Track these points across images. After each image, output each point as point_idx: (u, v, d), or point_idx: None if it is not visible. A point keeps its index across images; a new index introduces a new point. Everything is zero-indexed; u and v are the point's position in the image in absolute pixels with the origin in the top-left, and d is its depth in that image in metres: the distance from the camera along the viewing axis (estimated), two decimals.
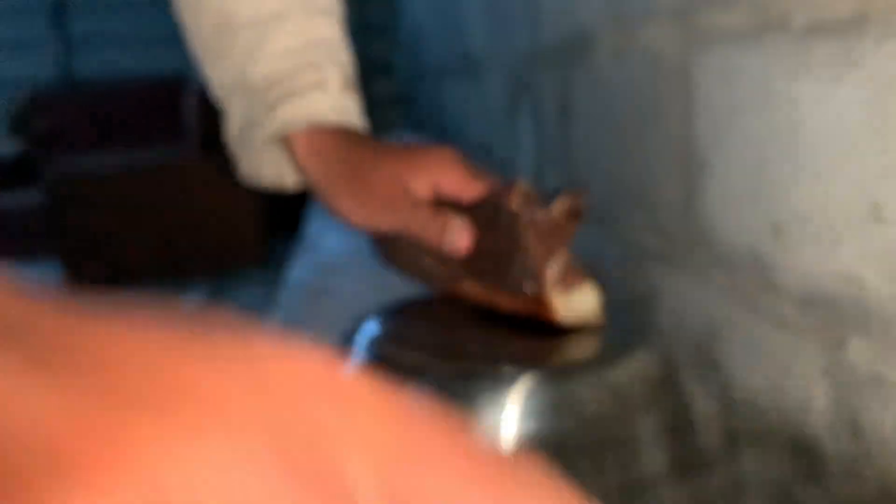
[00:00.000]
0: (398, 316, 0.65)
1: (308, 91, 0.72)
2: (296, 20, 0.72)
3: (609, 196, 1.14)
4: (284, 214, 4.27)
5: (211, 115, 1.16)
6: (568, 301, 0.55)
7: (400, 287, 0.69)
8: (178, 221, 3.93)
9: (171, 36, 0.90)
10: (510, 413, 0.52)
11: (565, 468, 0.47)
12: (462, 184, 0.62)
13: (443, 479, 0.19)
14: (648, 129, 0.95)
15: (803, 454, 0.65)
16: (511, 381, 0.53)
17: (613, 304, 0.62)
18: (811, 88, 0.60)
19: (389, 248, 0.67)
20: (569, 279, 0.55)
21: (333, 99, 0.73)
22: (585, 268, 0.56)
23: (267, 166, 0.76)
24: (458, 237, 0.61)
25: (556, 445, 0.52)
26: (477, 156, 1.26)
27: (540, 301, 0.55)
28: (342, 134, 0.72)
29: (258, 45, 0.72)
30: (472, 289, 0.62)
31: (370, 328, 0.62)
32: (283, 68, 0.72)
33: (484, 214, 0.59)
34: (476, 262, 0.59)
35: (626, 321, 0.63)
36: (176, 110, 4.31)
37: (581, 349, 0.59)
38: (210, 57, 0.75)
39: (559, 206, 0.55)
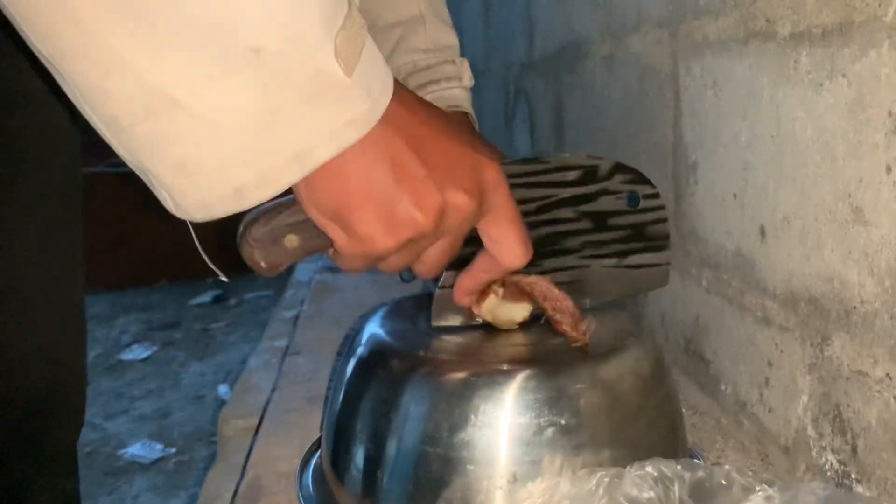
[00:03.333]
0: (398, 315, 0.66)
1: (448, 81, 0.84)
2: (431, 25, 0.86)
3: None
4: None
5: None
6: (494, 307, 0.62)
7: (400, 287, 0.70)
8: (188, 224, 3.94)
9: None
10: (508, 410, 0.54)
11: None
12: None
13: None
14: (638, 134, 0.97)
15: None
16: (509, 377, 0.55)
17: (606, 303, 0.64)
18: (796, 95, 0.62)
19: None
20: (510, 298, 0.62)
21: (466, 92, 0.86)
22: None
23: None
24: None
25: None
26: None
27: (482, 295, 0.62)
28: (470, 123, 0.85)
29: (402, 41, 0.84)
30: None
31: (371, 327, 0.63)
32: (425, 61, 0.84)
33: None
34: None
35: (618, 319, 0.64)
36: None
37: (574, 347, 0.60)
38: None
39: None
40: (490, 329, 0.62)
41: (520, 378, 0.54)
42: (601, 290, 0.65)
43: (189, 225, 0.48)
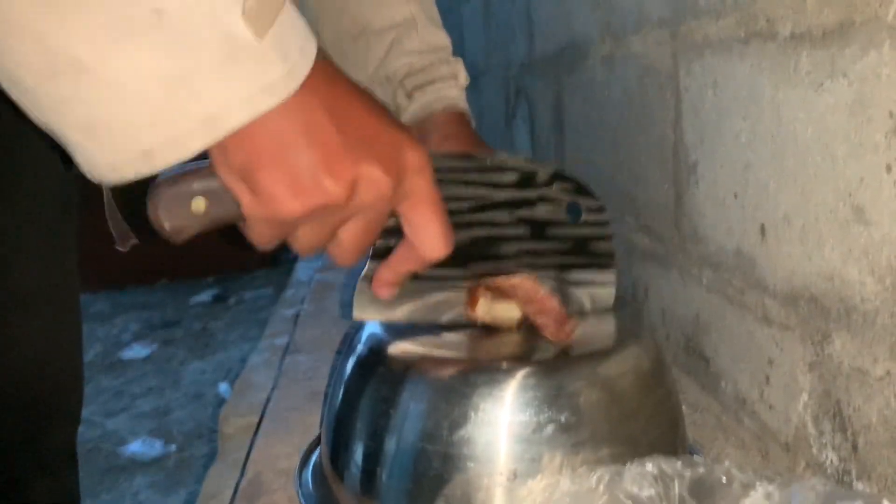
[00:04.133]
0: None
1: (443, 81, 0.85)
2: (423, 27, 0.87)
3: (601, 198, 1.15)
4: None
5: None
6: (490, 308, 0.61)
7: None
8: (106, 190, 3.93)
9: None
10: (508, 407, 0.54)
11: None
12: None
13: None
14: (639, 134, 0.97)
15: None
16: (508, 375, 0.55)
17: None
18: (796, 95, 0.62)
19: None
20: (500, 298, 0.62)
21: (462, 91, 0.86)
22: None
23: None
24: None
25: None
26: None
27: (472, 298, 0.61)
28: (467, 121, 0.85)
29: (396, 43, 0.85)
30: None
31: (370, 325, 0.63)
32: (420, 62, 0.85)
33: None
34: None
35: (618, 317, 0.65)
36: None
37: (574, 344, 0.60)
38: (345, 62, 0.84)
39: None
40: (489, 327, 0.62)
41: (519, 375, 0.54)
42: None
43: (105, 190, 0.48)
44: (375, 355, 0.60)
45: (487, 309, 0.60)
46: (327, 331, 1.11)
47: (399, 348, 0.59)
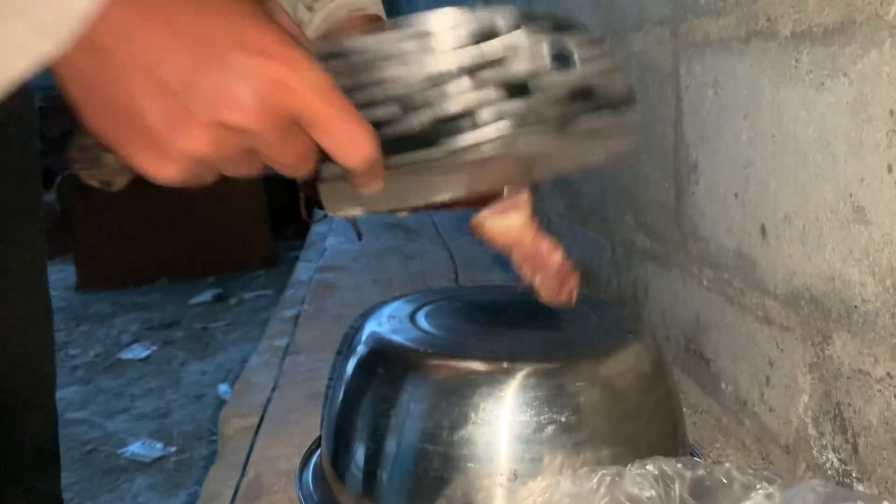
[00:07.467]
0: (398, 314, 0.66)
1: None
2: None
3: (601, 198, 1.15)
4: (290, 217, 4.28)
5: None
6: (497, 222, 0.56)
7: (399, 285, 0.70)
8: (188, 223, 3.95)
9: None
10: (508, 407, 0.54)
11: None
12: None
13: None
14: (639, 132, 0.97)
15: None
16: (509, 375, 0.55)
17: (607, 301, 0.64)
18: (797, 94, 0.61)
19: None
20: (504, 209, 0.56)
21: None
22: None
23: None
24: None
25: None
26: None
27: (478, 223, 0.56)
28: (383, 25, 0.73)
29: None
30: None
31: (370, 326, 0.63)
32: None
33: None
34: None
35: (619, 317, 0.65)
36: None
37: (575, 344, 0.60)
38: None
39: None
40: (489, 325, 0.62)
41: (520, 376, 0.54)
42: (549, 163, 0.52)
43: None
44: (376, 356, 0.60)
45: (495, 222, 0.56)
46: (327, 331, 1.11)
47: (399, 349, 0.59)
